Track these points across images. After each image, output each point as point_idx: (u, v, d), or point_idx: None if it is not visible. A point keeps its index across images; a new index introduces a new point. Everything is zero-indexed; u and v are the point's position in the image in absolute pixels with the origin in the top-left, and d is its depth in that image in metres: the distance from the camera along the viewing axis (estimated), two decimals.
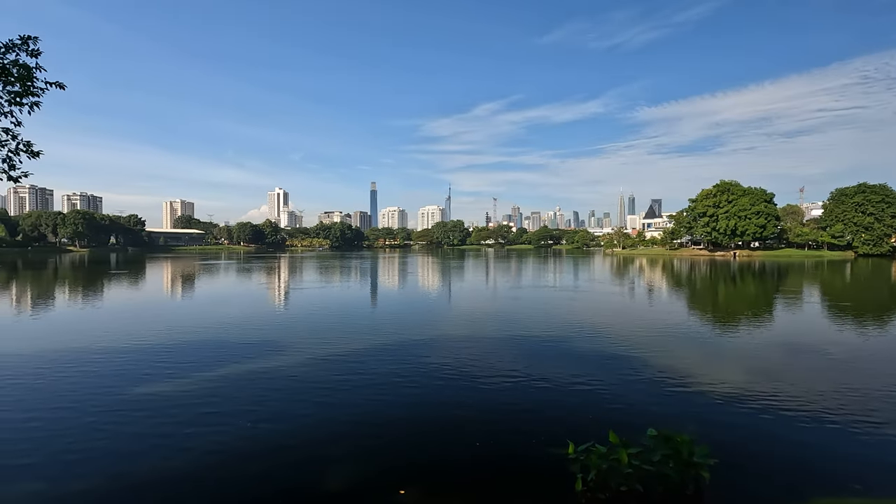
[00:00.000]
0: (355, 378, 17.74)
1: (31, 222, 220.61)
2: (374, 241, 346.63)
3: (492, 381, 17.35)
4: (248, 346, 23.29)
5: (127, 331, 27.09)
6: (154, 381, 17.34)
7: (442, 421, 13.83)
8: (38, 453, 11.67)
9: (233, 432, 13.05)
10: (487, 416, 14.14)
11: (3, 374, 18.18)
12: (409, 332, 26.45)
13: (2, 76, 7.04)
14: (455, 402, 15.35)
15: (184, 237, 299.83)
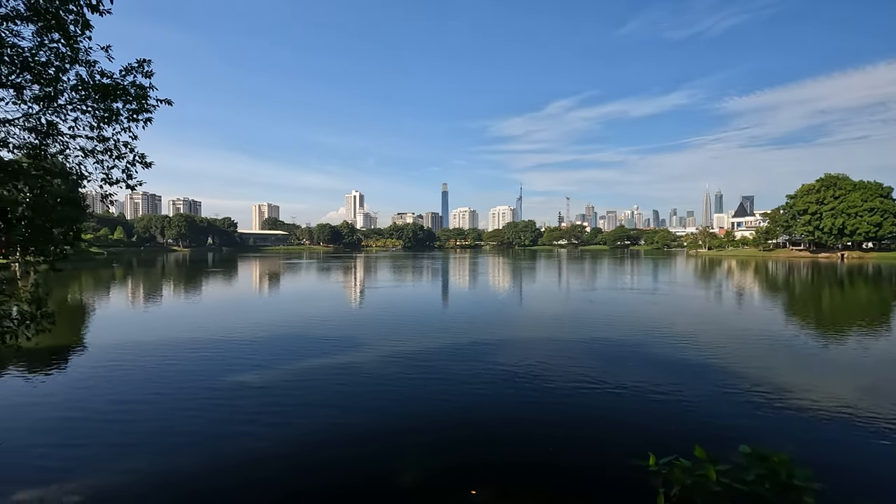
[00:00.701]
0: (426, 376, 18.05)
1: (143, 225, 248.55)
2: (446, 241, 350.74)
3: (565, 385, 16.89)
4: (327, 341, 24.52)
5: (220, 324, 29.60)
6: (242, 371, 18.78)
7: (513, 423, 13.69)
8: (137, 433, 13.08)
9: (312, 422, 13.81)
10: (560, 422, 13.78)
11: (114, 361, 20.60)
12: (479, 333, 26.46)
13: (123, 96, 8.03)
14: (526, 405, 15.13)
15: (270, 238, 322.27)
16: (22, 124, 8.01)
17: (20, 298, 9.58)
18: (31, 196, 8.87)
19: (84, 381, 17.46)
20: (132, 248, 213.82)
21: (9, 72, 7.12)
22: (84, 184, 9.06)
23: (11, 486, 10.10)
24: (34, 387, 17.14)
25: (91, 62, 7.89)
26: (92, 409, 14.50)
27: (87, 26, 7.29)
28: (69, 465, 11.13)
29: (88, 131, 8.27)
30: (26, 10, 6.80)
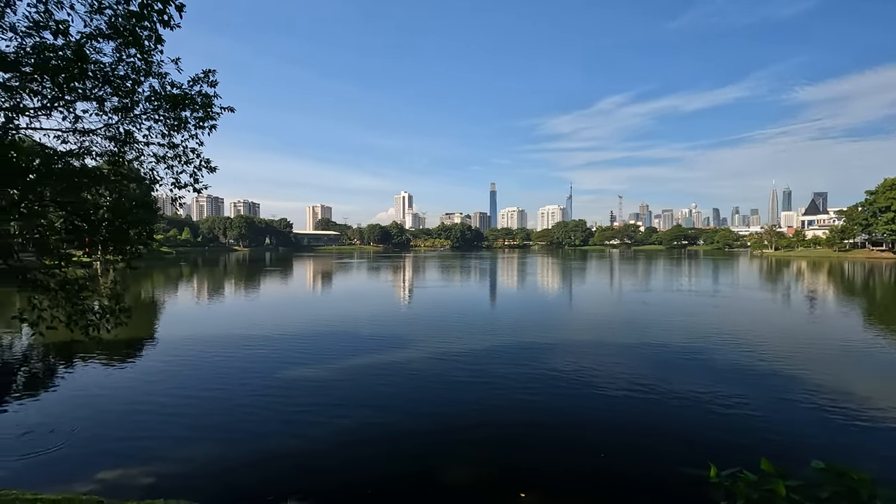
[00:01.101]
0: (473, 377, 18.04)
1: (207, 226, 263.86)
2: (493, 241, 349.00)
3: (617, 390, 16.36)
4: (375, 339, 25.05)
5: (275, 321, 30.91)
6: (295, 367, 19.51)
7: (562, 427, 13.42)
8: (198, 426, 13.89)
9: (363, 420, 14.15)
10: (612, 428, 13.37)
11: (180, 355, 21.96)
12: (527, 334, 26.14)
13: (191, 105, 8.58)
14: (576, 409, 14.79)
15: (323, 238, 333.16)
16: (103, 134, 8.73)
17: (101, 294, 10.44)
18: (111, 200, 9.64)
19: (152, 375, 18.75)
20: (198, 247, 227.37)
21: (92, 86, 7.78)
22: (156, 188, 9.75)
23: (86, 469, 11.02)
24: (110, 377, 18.61)
25: (162, 74, 8.48)
26: (157, 402, 15.54)
27: (159, 41, 7.84)
28: (136, 453, 11.99)
29: (160, 139, 8.91)
30: (108, 29, 7.42)
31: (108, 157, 9.13)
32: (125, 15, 7.44)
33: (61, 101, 7.79)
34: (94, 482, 10.28)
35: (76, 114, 8.14)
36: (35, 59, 7.10)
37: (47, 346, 22.99)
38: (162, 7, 7.36)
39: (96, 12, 7.29)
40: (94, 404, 15.24)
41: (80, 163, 9.04)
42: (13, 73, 7.10)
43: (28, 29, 7.07)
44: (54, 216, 9.31)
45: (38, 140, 8.83)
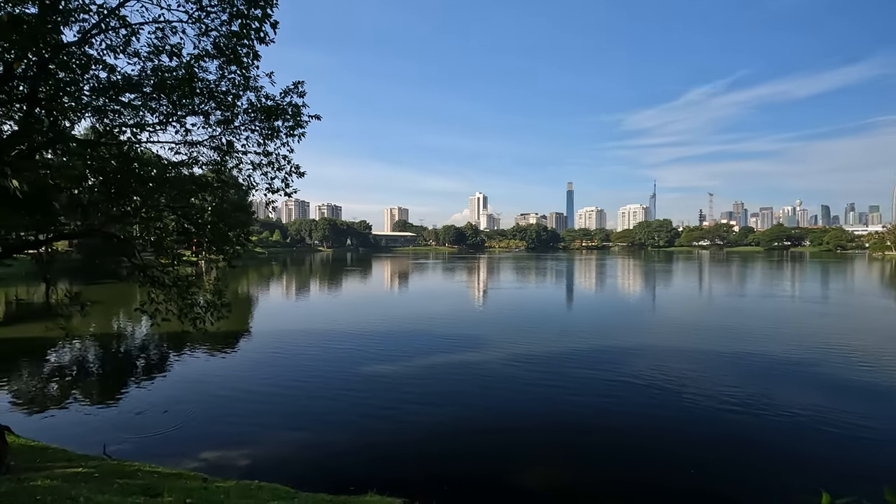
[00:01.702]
0: (550, 380, 17.62)
1: (295, 228, 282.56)
2: (570, 242, 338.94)
3: (707, 401, 15.18)
4: (450, 339, 25.32)
5: (355, 318, 32.30)
6: (373, 363, 20.22)
7: (646, 437, 12.69)
8: (286, 414, 14.83)
9: (435, 417, 14.34)
10: (703, 442, 12.42)
11: (270, 347, 23.60)
12: (607, 339, 25.08)
13: (282, 115, 9.21)
14: (661, 419, 13.92)
15: (400, 239, 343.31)
16: (208, 144, 9.62)
17: (206, 290, 11.50)
18: (214, 204, 10.59)
19: (248, 365, 20.36)
20: (286, 248, 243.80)
21: (200, 101, 8.62)
22: (252, 193, 10.57)
23: (193, 449, 12.19)
24: (212, 366, 20.49)
25: (258, 88, 9.18)
26: (253, 391, 16.84)
27: (256, 57, 8.51)
28: (235, 436, 13.07)
29: (256, 147, 9.64)
30: (213, 49, 8.18)
31: (212, 165, 10.05)
32: (227, 35, 8.15)
33: (174, 117, 8.70)
34: (199, 460, 11.35)
35: (186, 127, 9.05)
36: (154, 80, 8.00)
37: (161, 335, 25.79)
38: (258, 25, 7.97)
39: (203, 35, 8.07)
40: (199, 390, 16.84)
41: (189, 171, 10.04)
42: (137, 94, 8.06)
43: (149, 54, 7.98)
44: (168, 220, 10.41)
45: (155, 152, 9.95)
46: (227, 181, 10.47)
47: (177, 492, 6.68)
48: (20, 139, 7.13)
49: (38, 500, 5.28)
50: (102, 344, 25.19)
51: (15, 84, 6.93)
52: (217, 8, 7.78)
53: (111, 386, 17.69)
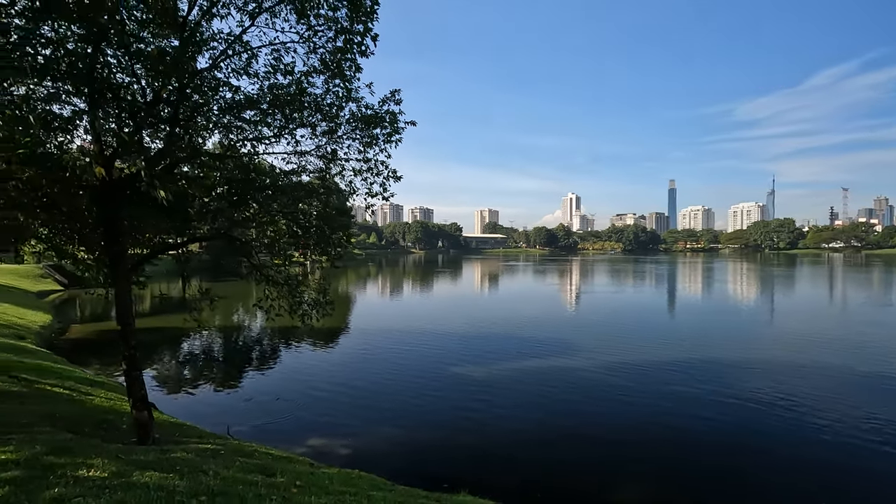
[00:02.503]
0: (649, 391, 16.53)
1: (389, 231, 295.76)
2: (672, 244, 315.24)
3: (838, 428, 13.26)
4: (539, 343, 24.78)
5: (446, 318, 32.87)
6: (465, 364, 20.41)
7: (763, 460, 11.39)
8: (379, 408, 15.45)
9: (529, 420, 14.10)
10: (833, 469, 10.87)
11: (365, 344, 24.78)
12: (714, 350, 22.94)
13: (381, 123, 9.68)
14: (782, 440, 12.41)
15: (490, 241, 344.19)
16: (314, 153, 10.39)
17: (312, 288, 12.41)
18: (319, 209, 11.41)
19: (348, 360, 21.64)
20: (381, 250, 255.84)
21: (308, 114, 9.35)
22: (353, 197, 11.22)
23: (300, 435, 13.19)
24: (317, 360, 22.07)
25: (358, 98, 9.73)
26: (353, 385, 17.88)
27: (358, 69, 9.04)
28: (337, 427, 13.94)
29: (357, 154, 10.23)
30: (320, 65, 8.85)
31: (317, 173, 10.84)
32: (332, 51, 8.75)
33: (287, 130, 9.52)
34: (305, 446, 12.27)
35: (297, 139, 9.87)
36: (270, 97, 8.83)
37: (273, 329, 28.31)
38: (360, 39, 8.46)
39: (312, 52, 8.75)
40: (306, 381, 18.22)
41: (298, 179, 10.93)
42: (256, 111, 8.95)
43: (266, 73, 8.83)
44: (280, 224, 11.40)
45: (270, 162, 10.96)
46: (330, 187, 11.22)
47: (288, 474, 7.27)
48: (164, 155, 8.25)
49: (177, 469, 6.05)
50: (225, 335, 28.27)
51: (161, 108, 8.02)
52: (324, 26, 8.37)
53: (232, 372, 19.78)
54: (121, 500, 4.65)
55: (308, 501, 5.89)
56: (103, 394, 12.83)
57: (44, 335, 24.71)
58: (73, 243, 11.72)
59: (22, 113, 7.52)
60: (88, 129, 7.54)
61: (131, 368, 8.28)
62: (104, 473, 5.37)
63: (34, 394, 10.67)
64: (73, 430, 8.11)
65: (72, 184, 8.57)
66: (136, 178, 7.87)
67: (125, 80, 7.78)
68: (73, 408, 10.13)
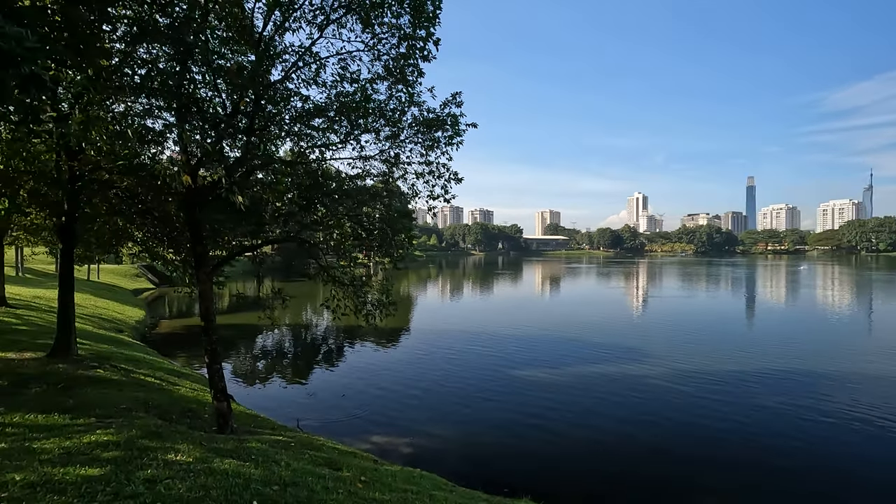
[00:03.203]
0: (725, 404, 15.45)
1: (450, 233, 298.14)
2: (751, 245, 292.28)
3: None
4: (605, 348, 23.87)
5: (507, 321, 32.52)
6: (528, 368, 20.09)
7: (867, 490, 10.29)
8: (440, 409, 15.53)
9: (594, 426, 13.62)
10: None
11: (426, 344, 25.03)
12: (800, 361, 21.00)
13: (442, 126, 9.79)
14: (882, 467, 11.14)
15: (551, 243, 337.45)
16: (378, 158, 10.69)
17: (375, 289, 12.74)
18: (382, 212, 11.70)
19: (411, 360, 22.00)
20: (441, 251, 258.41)
21: (373, 120, 9.64)
22: (415, 200, 11.42)
23: (364, 432, 13.56)
24: (380, 359, 22.64)
25: (420, 102, 9.90)
26: (416, 385, 18.18)
27: (420, 74, 9.22)
28: (400, 425, 14.20)
29: (419, 158, 10.42)
30: (384, 72, 9.11)
31: (381, 176, 11.14)
32: (395, 57, 8.98)
33: (352, 136, 9.87)
34: (369, 443, 12.61)
35: (361, 144, 10.21)
36: (337, 105, 9.19)
37: (338, 328, 29.40)
38: (422, 45, 8.62)
39: (376, 59, 9.03)
40: (369, 380, 18.73)
41: (362, 183, 11.28)
42: (324, 118, 9.36)
43: (333, 82, 9.22)
44: (346, 227, 11.82)
45: (336, 168, 11.40)
46: (393, 190, 11.47)
47: (353, 468, 7.51)
48: (242, 163, 8.82)
49: (253, 458, 6.43)
50: (295, 332, 29.73)
51: (239, 119, 8.58)
52: (387, 33, 8.60)
53: (301, 368, 20.76)
54: (203, 484, 5.01)
55: (372, 497, 6.04)
56: (188, 384, 13.90)
57: (138, 329, 27.21)
58: (163, 246, 12.84)
59: (121, 128, 8.35)
60: (177, 140, 8.21)
61: (213, 361, 8.91)
62: (189, 458, 5.81)
63: (131, 382, 11.76)
64: (162, 416, 8.85)
65: (162, 191, 9.39)
66: (217, 185, 8.48)
67: (208, 95, 8.41)
68: (162, 396, 11.06)
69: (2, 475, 4.73)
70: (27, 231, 18.41)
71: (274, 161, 9.56)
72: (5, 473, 4.78)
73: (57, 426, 7.17)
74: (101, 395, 9.40)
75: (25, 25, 3.75)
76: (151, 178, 8.84)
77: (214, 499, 4.71)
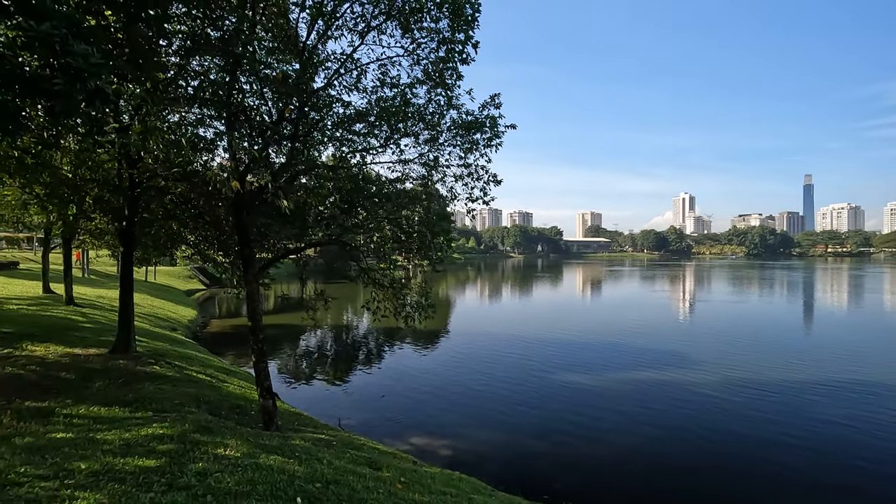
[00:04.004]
0: (785, 417, 14.61)
1: (488, 235, 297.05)
2: (809, 247, 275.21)
3: None
4: (650, 353, 23.09)
5: (548, 324, 32.03)
6: (570, 372, 19.69)
7: None
8: (478, 414, 15.41)
9: (635, 435, 13.20)
10: None
11: (464, 347, 24.97)
12: (866, 372, 19.59)
13: (481, 128, 9.77)
14: None
15: (592, 245, 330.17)
16: (418, 161, 10.78)
17: (414, 291, 12.84)
18: (421, 215, 11.79)
19: (449, 363, 22.03)
20: (480, 254, 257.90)
21: (412, 124, 9.74)
22: (454, 203, 11.44)
23: (405, 433, 13.66)
24: (420, 361, 22.80)
25: (459, 105, 9.91)
26: (455, 388, 18.22)
27: (459, 77, 9.25)
28: (440, 428, 14.24)
29: (457, 161, 10.43)
30: (423, 76, 9.20)
31: (420, 179, 11.23)
32: (434, 61, 9.04)
33: (392, 140, 10.01)
34: (408, 444, 12.70)
35: (401, 148, 10.33)
36: (377, 110, 9.35)
37: (378, 330, 29.84)
38: (461, 48, 8.65)
39: (415, 64, 9.13)
40: (409, 381, 18.89)
41: (402, 186, 11.41)
42: (364, 123, 9.54)
43: (373, 88, 9.38)
44: (385, 230, 11.99)
45: (377, 172, 11.59)
46: (432, 193, 11.53)
47: (393, 469, 7.58)
48: (287, 168, 9.11)
49: (296, 455, 6.62)
50: (336, 333, 30.39)
51: (284, 126, 8.87)
52: (427, 38, 8.68)
53: (343, 368, 21.17)
54: (251, 479, 5.19)
55: (412, 498, 6.08)
56: (236, 381, 14.46)
57: (191, 328, 28.56)
58: (214, 248, 13.44)
59: (176, 137, 8.82)
60: (226, 148, 8.58)
61: (259, 360, 9.22)
62: (237, 453, 6.03)
63: (183, 378, 12.35)
64: (213, 412, 9.24)
65: (213, 196, 9.81)
66: (263, 190, 8.79)
67: (255, 103, 8.74)
68: (213, 392, 11.55)
69: (69, 463, 5.08)
70: (92, 235, 19.65)
71: (317, 166, 9.83)
72: (72, 461, 5.13)
73: (118, 419, 7.63)
74: (158, 391, 9.92)
75: (91, 43, 4.03)
76: (203, 184, 9.26)
77: (260, 493, 4.87)
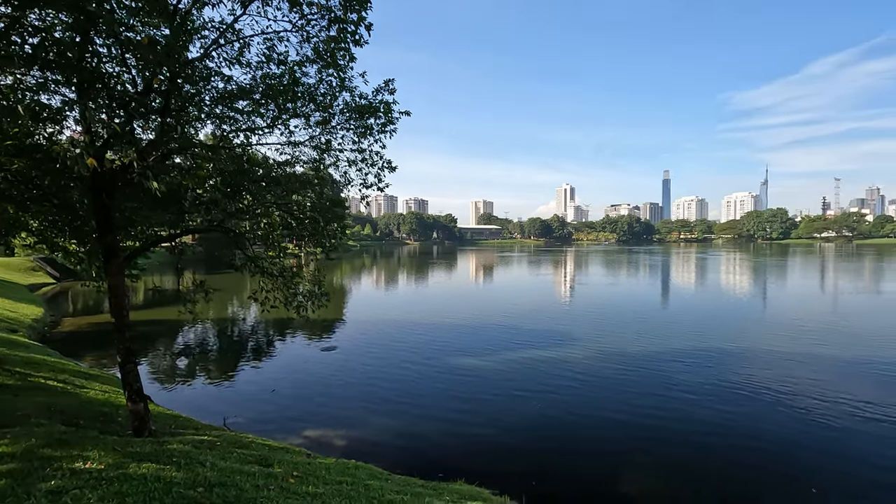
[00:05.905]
0: (652, 383, 16.74)
1: (384, 222, 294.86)
2: (666, 234, 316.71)
3: (835, 416, 13.51)
4: (536, 334, 24.91)
5: (442, 310, 32.94)
6: (462, 356, 20.50)
7: (755, 449, 11.60)
8: (378, 400, 15.52)
9: (523, 412, 14.23)
10: (828, 456, 11.08)
11: (363, 335, 24.79)
12: (712, 342, 23.16)
13: (375, 113, 9.61)
14: (780, 430, 12.63)
15: (485, 232, 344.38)
16: (308, 144, 10.31)
17: (306, 280, 12.37)
18: (313, 200, 11.34)
19: (344, 352, 21.67)
20: (376, 241, 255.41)
21: (302, 104, 9.26)
22: (348, 188, 11.16)
23: (297, 427, 13.23)
24: (312, 352, 22.08)
25: (352, 88, 9.64)
26: (349, 377, 17.99)
27: (352, 59, 8.94)
28: (334, 418, 13.98)
29: (351, 145, 10.17)
30: (313, 54, 8.74)
31: (311, 163, 10.76)
32: (325, 40, 8.64)
33: (280, 120, 9.43)
34: (302, 437, 12.31)
35: (290, 129, 9.78)
36: (263, 87, 8.72)
37: (268, 322, 28.26)
38: (354, 29, 8.37)
39: (305, 41, 8.63)
40: (301, 374, 18.24)
41: (292, 170, 10.85)
42: (249, 101, 8.85)
43: (258, 63, 8.72)
44: (274, 216, 11.34)
45: (263, 153, 10.87)
46: (324, 178, 11.15)
47: (285, 464, 7.31)
48: (156, 146, 8.15)
49: (174, 461, 6.06)
50: (220, 327, 28.20)
51: (152, 98, 7.90)
52: (317, 15, 8.26)
53: (227, 364, 19.76)
54: (118, 491, 4.66)
55: (306, 491, 5.93)
56: (98, 386, 12.79)
57: (36, 328, 24.54)
58: (65, 236, 11.60)
59: (10, 103, 7.40)
60: (78, 119, 7.42)
61: (126, 360, 8.25)
62: (101, 465, 5.37)
63: (28, 387, 10.62)
64: (69, 422, 8.09)
65: (63, 175, 8.46)
66: (128, 170, 7.79)
67: (115, 70, 7.65)
68: (68, 400, 10.10)
69: None
70: None
71: (193, 145, 8.91)
72: None
73: None
74: None
75: None
76: (49, 160, 7.94)
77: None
